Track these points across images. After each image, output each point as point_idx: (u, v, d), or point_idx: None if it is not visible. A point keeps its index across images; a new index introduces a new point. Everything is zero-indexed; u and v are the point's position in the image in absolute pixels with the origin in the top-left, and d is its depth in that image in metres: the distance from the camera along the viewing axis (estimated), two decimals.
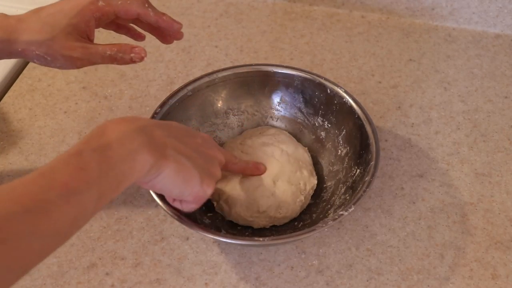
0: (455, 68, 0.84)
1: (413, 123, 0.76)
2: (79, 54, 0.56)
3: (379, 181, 0.69)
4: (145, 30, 0.63)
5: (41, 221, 0.36)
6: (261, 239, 0.54)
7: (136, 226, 0.65)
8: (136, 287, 0.59)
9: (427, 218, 0.65)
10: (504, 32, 0.89)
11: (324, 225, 0.55)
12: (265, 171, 0.63)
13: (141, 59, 0.58)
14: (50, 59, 0.57)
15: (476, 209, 0.66)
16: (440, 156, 0.72)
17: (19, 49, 0.57)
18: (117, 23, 0.63)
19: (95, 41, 0.60)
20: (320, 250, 0.62)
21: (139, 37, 0.66)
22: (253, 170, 0.62)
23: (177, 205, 0.53)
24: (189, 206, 0.52)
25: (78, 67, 0.58)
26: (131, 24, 0.64)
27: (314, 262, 0.61)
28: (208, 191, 0.51)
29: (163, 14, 0.60)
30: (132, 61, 0.58)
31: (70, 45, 0.56)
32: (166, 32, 0.62)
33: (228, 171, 0.62)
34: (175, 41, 0.64)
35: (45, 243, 0.38)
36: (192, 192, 0.50)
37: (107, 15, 0.58)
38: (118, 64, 0.58)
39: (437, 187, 0.68)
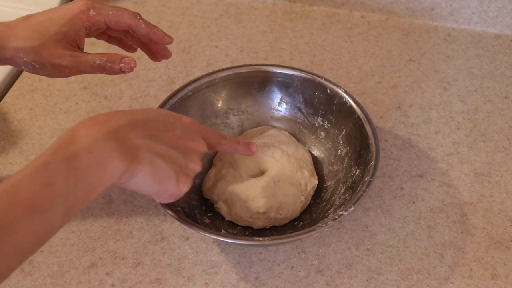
0: (454, 68, 0.84)
1: (413, 123, 0.76)
2: (68, 62, 0.56)
3: (379, 181, 0.69)
4: (135, 45, 0.63)
5: (3, 243, 0.35)
6: (261, 239, 0.54)
7: (136, 226, 0.65)
8: (136, 287, 0.60)
9: (427, 218, 0.65)
10: (503, 32, 0.89)
11: (324, 225, 0.55)
12: (256, 151, 0.59)
13: (131, 69, 0.57)
14: (38, 67, 0.56)
15: (476, 209, 0.66)
16: (439, 156, 0.72)
17: (7, 56, 0.56)
18: (108, 34, 0.63)
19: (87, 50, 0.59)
20: (320, 250, 0.62)
21: (131, 49, 0.65)
22: (244, 151, 0.59)
23: (154, 197, 0.51)
24: (165, 200, 0.51)
25: (66, 76, 0.58)
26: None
27: (314, 262, 0.61)
28: (184, 190, 0.49)
29: (155, 27, 0.59)
30: (121, 71, 0.57)
31: (59, 53, 0.55)
32: (155, 49, 0.62)
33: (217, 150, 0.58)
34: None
35: (6, 264, 0.36)
36: (168, 191, 0.48)
37: (98, 24, 0.57)
38: (107, 74, 0.57)
39: (437, 187, 0.68)
